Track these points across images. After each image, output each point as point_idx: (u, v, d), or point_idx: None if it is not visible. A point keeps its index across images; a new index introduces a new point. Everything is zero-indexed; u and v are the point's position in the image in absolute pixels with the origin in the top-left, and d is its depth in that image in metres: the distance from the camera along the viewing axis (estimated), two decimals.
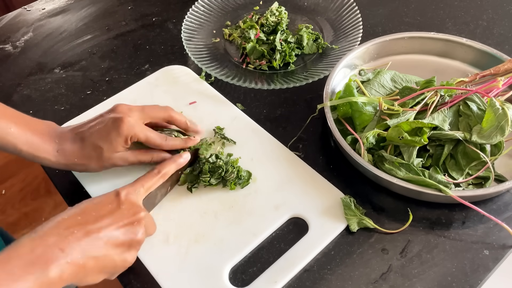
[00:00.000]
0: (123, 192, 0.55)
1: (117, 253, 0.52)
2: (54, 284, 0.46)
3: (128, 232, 0.53)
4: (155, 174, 0.61)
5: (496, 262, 0.59)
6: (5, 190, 1.70)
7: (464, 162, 0.64)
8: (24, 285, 0.44)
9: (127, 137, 0.61)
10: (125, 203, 0.54)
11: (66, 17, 1.01)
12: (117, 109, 0.64)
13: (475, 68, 0.79)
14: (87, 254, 0.48)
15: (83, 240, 0.49)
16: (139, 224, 0.54)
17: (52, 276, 0.45)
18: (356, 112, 0.69)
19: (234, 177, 0.66)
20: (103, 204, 0.53)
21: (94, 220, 0.51)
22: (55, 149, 0.61)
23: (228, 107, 0.78)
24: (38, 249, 0.46)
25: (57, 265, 0.46)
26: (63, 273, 0.46)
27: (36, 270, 0.45)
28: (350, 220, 0.62)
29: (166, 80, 0.83)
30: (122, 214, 0.53)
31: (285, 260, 0.59)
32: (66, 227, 0.49)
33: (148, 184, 0.60)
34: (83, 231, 0.49)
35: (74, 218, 0.50)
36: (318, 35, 0.89)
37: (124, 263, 0.53)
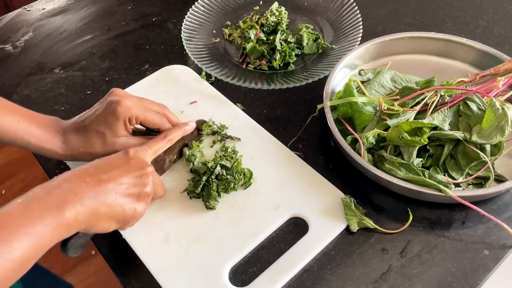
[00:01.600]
0: (132, 150, 0.58)
1: (127, 202, 0.54)
2: (69, 226, 0.49)
3: (137, 184, 0.56)
4: (162, 138, 0.64)
5: (496, 262, 0.59)
6: (5, 190, 1.69)
7: (464, 162, 0.64)
8: (43, 223, 0.46)
9: (125, 120, 0.63)
10: (134, 159, 0.57)
11: (66, 17, 1.01)
12: (113, 93, 0.65)
13: (475, 68, 0.79)
14: (99, 200, 0.51)
15: (95, 187, 0.52)
16: (147, 177, 0.57)
17: (68, 217, 0.48)
18: (356, 112, 0.69)
19: (241, 183, 0.66)
20: (113, 160, 0.56)
21: (105, 171, 0.54)
22: (61, 141, 0.63)
23: (228, 107, 0.78)
24: (54, 193, 0.49)
25: (72, 207, 0.48)
26: (78, 216, 0.49)
27: (53, 211, 0.47)
28: (350, 220, 0.62)
29: (166, 79, 0.83)
30: (131, 168, 0.56)
31: (285, 260, 0.59)
32: (79, 175, 0.52)
33: (156, 147, 0.62)
34: (95, 179, 0.52)
35: (87, 170, 0.53)
36: (318, 35, 0.89)
37: (134, 213, 0.56)
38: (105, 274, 1.46)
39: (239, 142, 0.72)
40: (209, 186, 0.64)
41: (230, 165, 0.66)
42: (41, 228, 0.46)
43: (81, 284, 1.44)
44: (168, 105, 0.71)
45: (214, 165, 0.65)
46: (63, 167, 0.72)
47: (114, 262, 0.62)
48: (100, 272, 1.47)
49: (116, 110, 0.62)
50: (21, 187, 1.70)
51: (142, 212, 0.57)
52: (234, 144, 0.72)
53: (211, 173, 0.65)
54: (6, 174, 1.74)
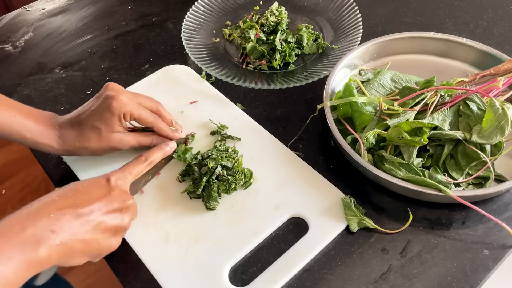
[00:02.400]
0: (113, 178, 0.56)
1: (104, 237, 0.53)
2: (42, 264, 0.47)
3: (117, 218, 0.54)
4: (143, 161, 0.63)
5: (496, 262, 0.59)
6: (5, 190, 1.69)
7: (464, 162, 0.64)
8: (15, 262, 0.45)
9: (120, 115, 0.63)
10: (116, 190, 0.55)
11: (66, 17, 1.01)
12: (109, 87, 0.64)
13: (475, 68, 0.79)
14: (76, 237, 0.50)
15: (73, 222, 0.50)
16: (127, 211, 0.56)
17: (41, 256, 0.46)
18: (356, 112, 0.69)
19: (241, 184, 0.67)
20: (93, 188, 0.54)
21: (85, 204, 0.52)
22: (57, 135, 0.63)
23: (229, 106, 0.78)
24: (29, 230, 0.47)
25: (47, 246, 0.47)
26: (52, 254, 0.48)
27: (26, 250, 0.46)
28: (350, 220, 0.62)
29: (167, 79, 0.83)
30: (113, 200, 0.54)
31: (285, 260, 0.59)
32: (57, 208, 0.50)
33: (136, 171, 0.61)
34: (75, 213, 0.50)
35: (65, 200, 0.51)
36: (318, 35, 0.89)
37: (109, 248, 0.55)
38: (105, 274, 1.46)
39: (239, 142, 0.72)
40: (209, 187, 0.64)
41: (230, 165, 0.66)
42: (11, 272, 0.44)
43: (81, 284, 1.44)
44: (168, 105, 0.71)
45: (215, 166, 0.65)
46: (63, 167, 0.72)
47: (114, 262, 0.62)
48: (100, 272, 1.47)
49: (111, 105, 0.62)
50: (21, 187, 1.70)
51: (117, 245, 0.56)
52: (234, 144, 0.72)
53: (211, 173, 0.65)
54: (6, 174, 1.74)
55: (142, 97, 0.67)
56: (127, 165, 0.61)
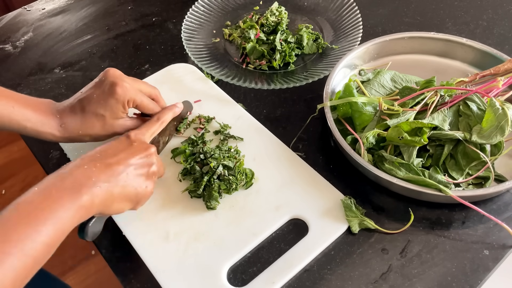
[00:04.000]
0: (133, 133, 0.60)
1: (137, 182, 0.57)
2: (87, 209, 0.51)
3: (144, 164, 0.58)
4: (156, 120, 0.66)
5: (496, 262, 0.59)
6: (5, 190, 1.69)
7: (464, 162, 0.64)
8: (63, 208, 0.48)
9: (124, 102, 0.63)
10: (136, 141, 0.59)
11: (66, 17, 1.01)
12: (110, 73, 0.65)
13: (475, 68, 0.79)
14: (112, 182, 0.54)
15: (106, 171, 0.54)
16: (152, 157, 0.59)
17: (85, 200, 0.50)
18: (356, 112, 0.69)
19: (242, 184, 0.67)
20: (116, 144, 0.58)
21: (112, 155, 0.56)
22: (58, 124, 0.64)
23: (232, 106, 0.78)
24: (68, 180, 0.51)
25: (88, 191, 0.50)
26: (94, 198, 0.51)
27: (71, 195, 0.49)
28: (352, 222, 0.62)
29: (171, 78, 0.84)
30: (136, 150, 0.58)
31: (284, 261, 0.59)
32: (89, 161, 0.54)
33: (152, 130, 0.64)
34: (104, 163, 0.54)
35: (94, 156, 0.55)
36: (318, 35, 0.89)
37: (144, 192, 0.58)
38: (105, 274, 1.46)
39: (241, 142, 0.72)
40: (210, 186, 0.64)
41: (232, 165, 0.66)
42: (62, 213, 0.48)
43: (81, 285, 1.44)
44: (172, 103, 0.71)
45: (217, 165, 0.65)
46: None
47: (114, 262, 0.62)
48: (100, 272, 1.47)
49: (116, 92, 0.63)
50: (21, 187, 1.70)
51: (151, 190, 0.59)
52: (237, 143, 0.72)
53: (213, 173, 0.65)
54: (6, 174, 1.74)
55: (141, 83, 0.68)
56: (143, 125, 0.64)
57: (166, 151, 0.72)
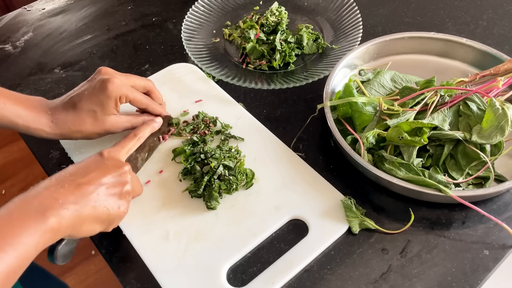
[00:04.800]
0: (106, 151, 0.58)
1: (109, 202, 0.54)
2: (54, 232, 0.48)
3: (116, 183, 0.55)
4: (132, 137, 0.64)
5: (496, 262, 0.59)
6: (5, 190, 1.70)
7: (464, 162, 0.64)
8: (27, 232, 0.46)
9: (116, 98, 0.63)
10: (110, 159, 0.57)
11: (66, 17, 1.01)
12: (102, 71, 0.65)
13: (475, 68, 0.79)
14: (82, 203, 0.51)
15: (75, 191, 0.51)
16: (125, 176, 0.56)
17: (51, 224, 0.47)
18: (356, 112, 0.69)
19: (243, 184, 0.67)
20: (89, 163, 0.56)
21: (83, 175, 0.53)
22: (49, 120, 0.64)
23: (233, 106, 0.78)
24: (35, 201, 0.48)
25: (54, 213, 0.48)
26: (61, 221, 0.48)
27: (35, 220, 0.47)
28: (352, 222, 0.62)
29: (172, 77, 0.84)
30: (108, 168, 0.55)
31: (284, 261, 0.59)
32: (57, 182, 0.51)
33: (128, 146, 0.62)
34: (74, 184, 0.51)
35: (64, 176, 0.52)
36: (318, 35, 0.89)
37: (118, 212, 0.55)
38: (105, 274, 1.46)
39: (242, 142, 0.72)
40: (211, 186, 0.64)
41: (233, 165, 0.66)
42: (25, 238, 0.45)
43: (81, 284, 1.44)
44: (173, 103, 0.72)
45: (217, 165, 0.65)
46: (63, 167, 0.72)
47: (114, 262, 0.62)
48: (100, 272, 1.47)
49: (107, 88, 0.63)
50: (21, 187, 1.70)
51: (125, 211, 0.57)
52: (237, 143, 0.72)
53: (213, 173, 0.65)
54: (6, 174, 1.74)
55: (134, 77, 0.68)
56: (117, 143, 0.63)
57: (167, 151, 0.72)
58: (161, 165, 0.70)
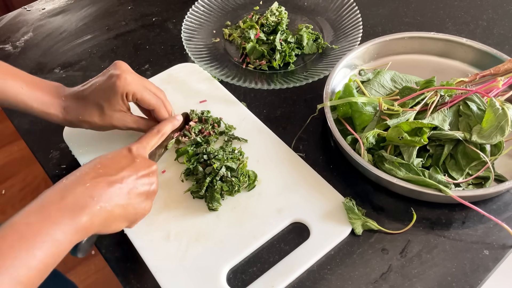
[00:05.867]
0: (134, 147, 0.58)
1: (137, 201, 0.55)
2: (86, 230, 0.49)
3: (146, 183, 0.56)
4: (156, 133, 0.64)
5: (496, 262, 0.59)
6: (5, 190, 1.69)
7: (464, 162, 0.64)
8: (60, 229, 0.46)
9: (122, 94, 0.63)
10: (139, 157, 0.57)
11: (66, 17, 1.01)
12: (116, 65, 0.65)
13: (475, 68, 0.79)
14: (114, 202, 0.52)
15: (108, 189, 0.51)
16: (154, 176, 0.58)
17: (84, 221, 0.48)
18: (356, 112, 0.69)
19: (245, 186, 0.66)
20: (119, 158, 0.56)
21: (115, 172, 0.54)
22: (62, 106, 0.64)
23: (237, 107, 0.78)
24: (69, 198, 0.48)
25: (88, 212, 0.49)
26: (94, 219, 0.49)
27: (70, 216, 0.47)
28: (355, 224, 0.61)
29: (177, 77, 0.84)
30: (138, 167, 0.56)
31: (284, 265, 0.59)
32: (91, 178, 0.51)
33: (152, 142, 0.63)
34: (107, 181, 0.52)
35: (96, 171, 0.53)
36: (318, 35, 0.89)
37: (143, 211, 0.57)
38: (105, 274, 1.46)
39: (248, 141, 0.72)
40: (213, 187, 0.64)
41: (235, 167, 0.66)
42: (59, 235, 0.46)
43: (81, 284, 1.44)
44: (177, 103, 0.72)
45: (220, 166, 0.65)
46: (63, 167, 0.72)
47: (114, 262, 0.62)
48: (100, 272, 1.47)
49: (115, 83, 0.63)
50: (21, 187, 1.70)
51: (149, 210, 0.58)
52: (241, 145, 0.72)
53: (215, 174, 0.65)
54: (6, 174, 1.74)
55: (147, 81, 0.67)
56: (143, 137, 0.63)
57: (170, 150, 0.72)
58: (164, 165, 0.70)
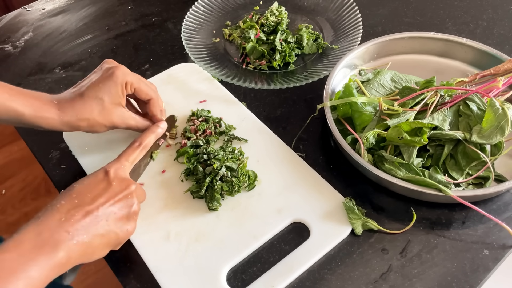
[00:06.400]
0: (111, 170, 0.57)
1: (118, 226, 0.54)
2: (63, 265, 0.48)
3: (124, 206, 0.55)
4: (137, 147, 0.63)
5: (496, 262, 0.59)
6: (5, 190, 1.69)
7: (464, 162, 0.64)
8: (36, 267, 0.46)
9: (122, 84, 0.64)
10: (115, 180, 0.56)
11: (66, 17, 1.01)
12: (108, 61, 0.66)
13: (475, 68, 0.79)
14: (92, 233, 0.51)
15: (83, 220, 0.51)
16: (132, 197, 0.56)
17: (61, 257, 0.48)
18: (356, 112, 0.69)
19: (245, 186, 0.66)
20: (94, 184, 0.55)
21: (91, 201, 0.53)
22: (56, 108, 0.62)
23: (237, 107, 0.78)
24: (44, 233, 0.48)
25: (64, 247, 0.48)
26: (71, 254, 0.49)
27: (45, 253, 0.47)
28: (355, 224, 0.61)
29: (177, 77, 0.83)
30: (115, 191, 0.55)
31: (284, 265, 0.59)
32: (66, 210, 0.51)
33: (132, 157, 0.62)
34: (83, 212, 0.51)
35: (71, 202, 0.52)
36: (318, 35, 0.89)
37: (126, 234, 0.56)
38: (105, 274, 1.46)
39: (248, 141, 0.72)
40: (213, 187, 0.64)
41: (235, 167, 0.66)
42: (35, 272, 0.46)
43: (81, 284, 1.44)
44: (177, 103, 0.72)
45: (220, 166, 0.65)
46: (63, 167, 0.72)
47: (114, 262, 0.62)
48: (100, 272, 1.47)
49: (114, 74, 0.63)
50: (21, 187, 1.70)
51: (133, 230, 0.57)
52: (241, 145, 0.72)
53: (215, 174, 0.65)
54: (6, 174, 1.74)
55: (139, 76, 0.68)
56: (122, 154, 0.62)
57: (171, 150, 0.72)
58: (164, 165, 0.70)
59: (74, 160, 0.72)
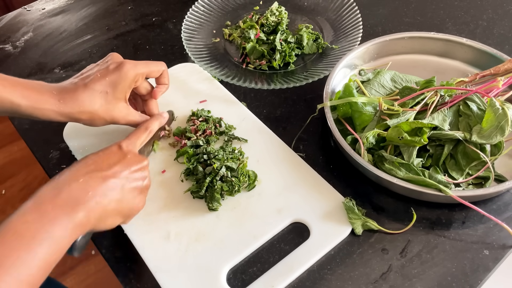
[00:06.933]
0: (124, 144, 0.58)
1: (131, 197, 0.55)
2: (83, 225, 0.49)
3: (138, 178, 0.57)
4: (144, 129, 0.64)
5: (496, 262, 0.59)
6: (5, 190, 1.69)
7: (464, 162, 0.64)
8: (59, 226, 0.46)
9: (135, 76, 0.63)
10: (129, 153, 0.57)
11: (66, 17, 1.01)
12: (114, 55, 0.65)
13: (475, 68, 0.79)
14: (109, 197, 0.52)
15: (102, 184, 0.52)
16: (145, 170, 0.58)
17: (81, 217, 0.48)
18: (356, 112, 0.69)
19: (245, 186, 0.66)
20: (109, 155, 0.56)
21: (108, 167, 0.54)
22: (56, 99, 0.60)
23: (237, 107, 0.78)
24: (64, 194, 0.48)
25: (84, 207, 0.49)
26: (90, 214, 0.49)
27: (66, 212, 0.47)
28: (355, 224, 0.61)
29: (177, 77, 0.83)
30: (130, 162, 0.56)
31: (284, 265, 0.59)
32: (84, 173, 0.51)
33: (141, 139, 0.63)
34: (100, 176, 0.52)
35: (88, 167, 0.53)
36: (318, 35, 0.89)
37: (137, 207, 0.57)
38: (105, 274, 1.46)
39: (248, 141, 0.72)
40: (213, 187, 0.64)
41: (235, 167, 0.66)
42: (58, 232, 0.46)
43: (81, 285, 1.44)
44: (178, 103, 0.71)
45: (220, 166, 0.65)
46: (63, 167, 0.72)
47: (114, 262, 0.62)
48: (100, 272, 1.47)
49: (123, 67, 0.62)
50: (21, 187, 1.70)
51: (143, 205, 0.58)
52: (241, 145, 0.72)
53: (215, 174, 0.65)
54: (6, 174, 1.74)
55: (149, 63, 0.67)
56: (132, 134, 0.62)
57: (171, 150, 0.72)
58: (164, 165, 0.70)
59: (74, 160, 0.72)
